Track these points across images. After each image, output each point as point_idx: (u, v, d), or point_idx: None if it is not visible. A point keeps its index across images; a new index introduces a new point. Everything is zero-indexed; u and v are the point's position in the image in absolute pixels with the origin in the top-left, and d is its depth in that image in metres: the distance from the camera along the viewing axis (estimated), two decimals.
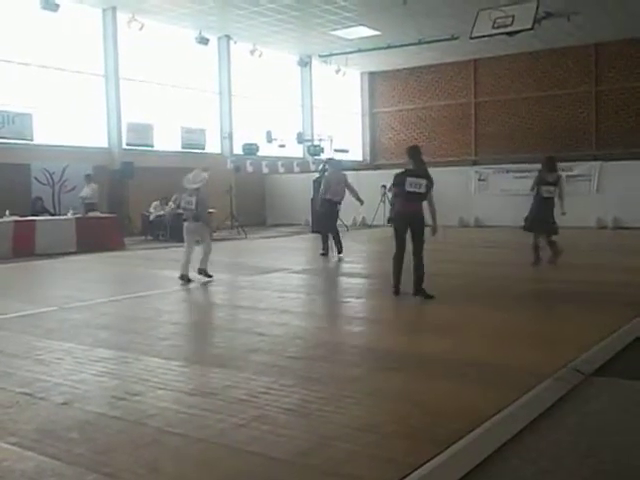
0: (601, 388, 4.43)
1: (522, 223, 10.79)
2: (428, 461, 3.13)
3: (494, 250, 13.86)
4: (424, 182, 7.61)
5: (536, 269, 10.37)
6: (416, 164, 7.82)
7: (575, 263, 11.12)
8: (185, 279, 9.39)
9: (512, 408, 3.87)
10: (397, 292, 7.85)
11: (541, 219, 10.40)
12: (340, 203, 12.75)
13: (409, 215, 7.70)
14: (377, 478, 2.99)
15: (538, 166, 11.21)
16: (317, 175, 18.19)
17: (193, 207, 9.42)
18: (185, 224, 9.63)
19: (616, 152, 22.28)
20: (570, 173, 19.47)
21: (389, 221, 8.30)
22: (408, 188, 7.57)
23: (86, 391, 4.38)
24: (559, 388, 4.31)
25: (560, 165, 19.25)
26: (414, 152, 7.94)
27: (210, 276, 9.58)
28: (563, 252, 10.42)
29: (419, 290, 7.68)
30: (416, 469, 3.05)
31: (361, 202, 13.45)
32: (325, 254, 12.64)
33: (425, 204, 7.74)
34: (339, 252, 12.34)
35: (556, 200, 10.58)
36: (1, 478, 3.08)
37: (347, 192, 12.88)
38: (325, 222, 13.01)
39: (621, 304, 7.19)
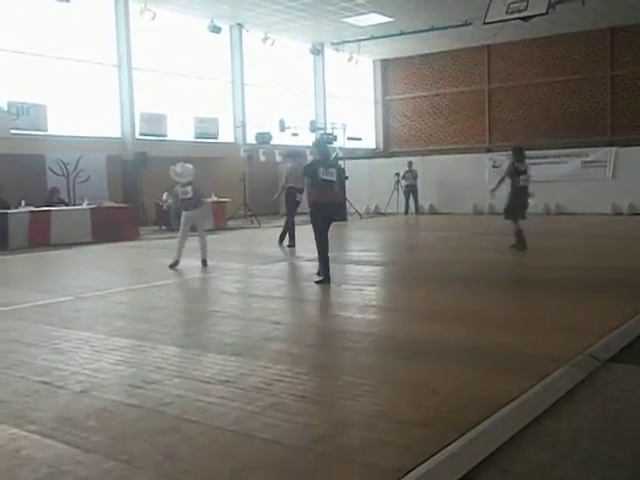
0: (617, 375, 4.41)
1: (511, 213, 10.98)
2: (444, 448, 3.13)
3: (508, 238, 13.77)
4: (334, 170, 8.10)
5: (548, 256, 10.34)
6: (323, 155, 8.33)
7: (591, 250, 11.06)
8: (175, 265, 9.74)
9: (528, 395, 3.86)
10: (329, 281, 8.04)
11: (522, 206, 10.89)
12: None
13: (329, 202, 8.03)
14: (392, 465, 2.99)
15: (553, 152, 11.24)
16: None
17: (190, 196, 9.82)
18: (185, 213, 9.96)
19: (632, 138, 22.00)
20: (585, 159, 19.33)
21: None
22: (322, 176, 7.93)
23: (103, 379, 4.42)
24: (575, 375, 4.29)
25: (575, 151, 19.31)
26: (322, 144, 8.87)
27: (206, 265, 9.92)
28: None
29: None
30: (432, 456, 3.05)
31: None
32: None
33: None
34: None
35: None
36: (21, 466, 3.12)
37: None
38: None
39: (637, 291, 7.15)
